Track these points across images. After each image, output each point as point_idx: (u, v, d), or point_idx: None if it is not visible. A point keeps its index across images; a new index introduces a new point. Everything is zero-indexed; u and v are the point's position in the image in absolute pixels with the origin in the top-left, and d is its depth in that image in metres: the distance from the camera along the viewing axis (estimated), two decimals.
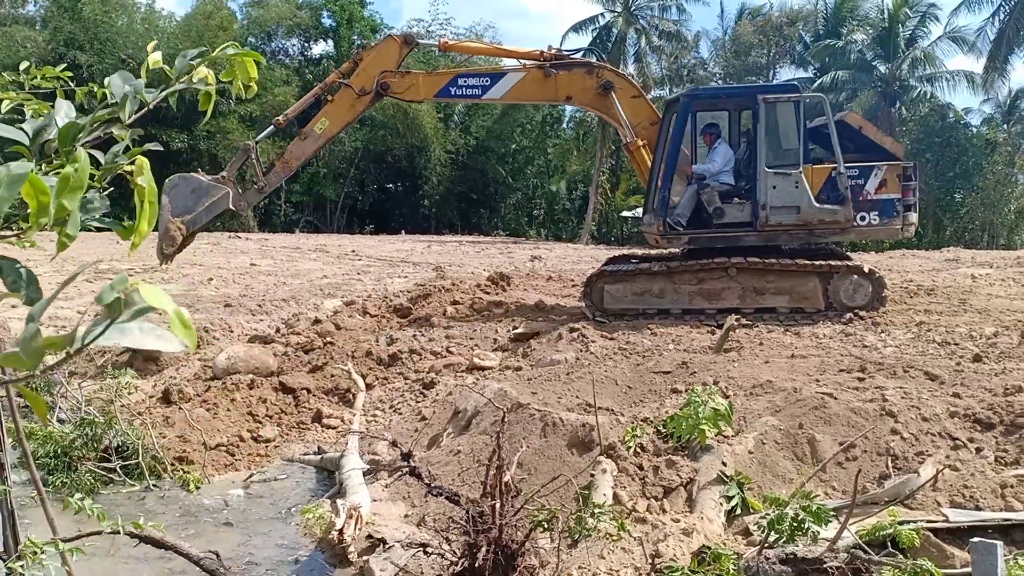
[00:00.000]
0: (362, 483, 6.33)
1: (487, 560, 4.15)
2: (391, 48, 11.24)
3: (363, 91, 10.97)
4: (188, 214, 10.20)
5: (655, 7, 40.48)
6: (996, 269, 15.40)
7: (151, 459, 7.56)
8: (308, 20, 43.54)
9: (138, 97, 1.62)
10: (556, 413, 6.28)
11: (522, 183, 46.12)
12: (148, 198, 1.48)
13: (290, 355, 10.12)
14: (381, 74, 10.95)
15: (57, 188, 1.27)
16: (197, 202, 10.28)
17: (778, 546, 4.25)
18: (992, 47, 33.46)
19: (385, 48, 11.30)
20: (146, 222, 1.47)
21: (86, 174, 1.31)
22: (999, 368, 7.25)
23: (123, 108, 1.58)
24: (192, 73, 1.69)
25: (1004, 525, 4.83)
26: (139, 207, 1.48)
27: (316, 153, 11.16)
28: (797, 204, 10.15)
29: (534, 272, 16.47)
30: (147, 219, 1.48)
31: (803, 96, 10.52)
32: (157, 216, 1.53)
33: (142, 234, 1.48)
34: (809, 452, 5.85)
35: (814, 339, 9.13)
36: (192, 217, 10.24)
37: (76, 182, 1.29)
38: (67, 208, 1.29)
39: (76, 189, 1.28)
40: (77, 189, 1.29)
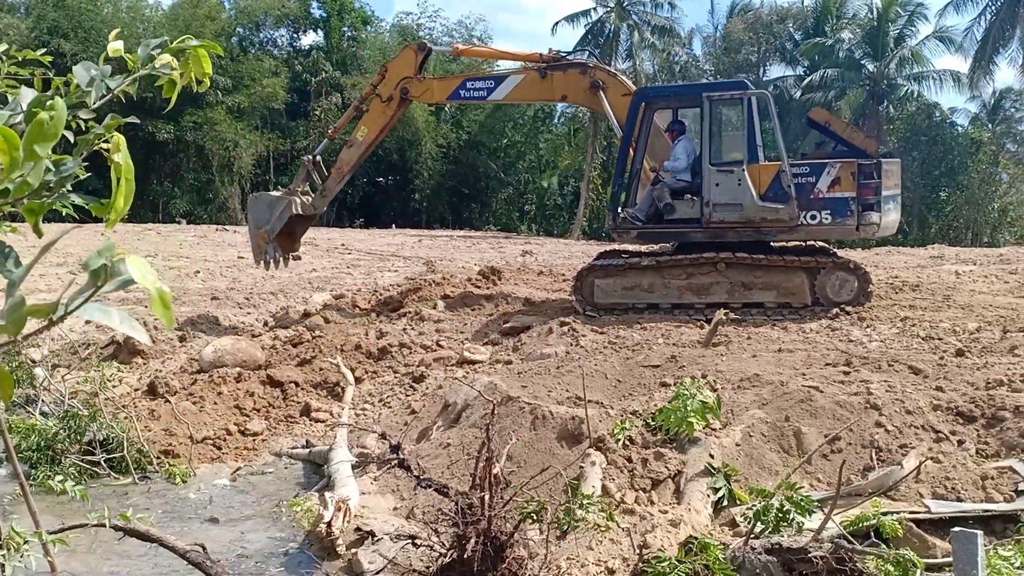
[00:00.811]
0: (350, 476, 6.34)
1: (476, 552, 4.17)
2: (408, 56, 12.35)
3: (389, 98, 12.06)
4: (265, 225, 11.96)
5: (648, 3, 40.52)
6: (979, 266, 15.54)
7: (136, 452, 7.52)
8: (297, 10, 43.23)
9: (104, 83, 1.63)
10: (546, 406, 6.32)
11: (513, 178, 46.06)
12: (124, 175, 1.47)
13: (278, 348, 10.10)
14: (402, 80, 12.06)
15: (29, 133, 1.26)
16: (271, 213, 11.96)
17: (764, 536, 4.30)
18: (978, 47, 33.70)
19: (404, 57, 12.45)
20: (122, 198, 1.46)
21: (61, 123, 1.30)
22: (981, 363, 7.34)
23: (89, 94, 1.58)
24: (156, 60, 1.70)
25: (984, 516, 4.91)
26: (115, 183, 1.47)
27: (363, 158, 12.62)
28: (740, 201, 10.10)
29: (525, 267, 16.49)
30: (123, 195, 1.46)
31: (749, 93, 10.41)
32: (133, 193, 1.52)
33: (118, 210, 1.47)
34: (795, 444, 5.91)
35: (801, 334, 9.20)
36: (269, 226, 11.93)
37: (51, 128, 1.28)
38: (37, 154, 1.28)
39: (50, 136, 1.28)
40: (51, 135, 1.28)
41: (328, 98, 41.03)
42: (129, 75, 1.69)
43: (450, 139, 42.29)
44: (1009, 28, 33.09)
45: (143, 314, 12.11)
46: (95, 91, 1.60)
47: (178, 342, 10.86)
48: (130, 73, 1.71)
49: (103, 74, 1.63)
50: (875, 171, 9.96)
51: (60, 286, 12.97)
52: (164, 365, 9.75)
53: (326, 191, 12.30)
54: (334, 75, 41.62)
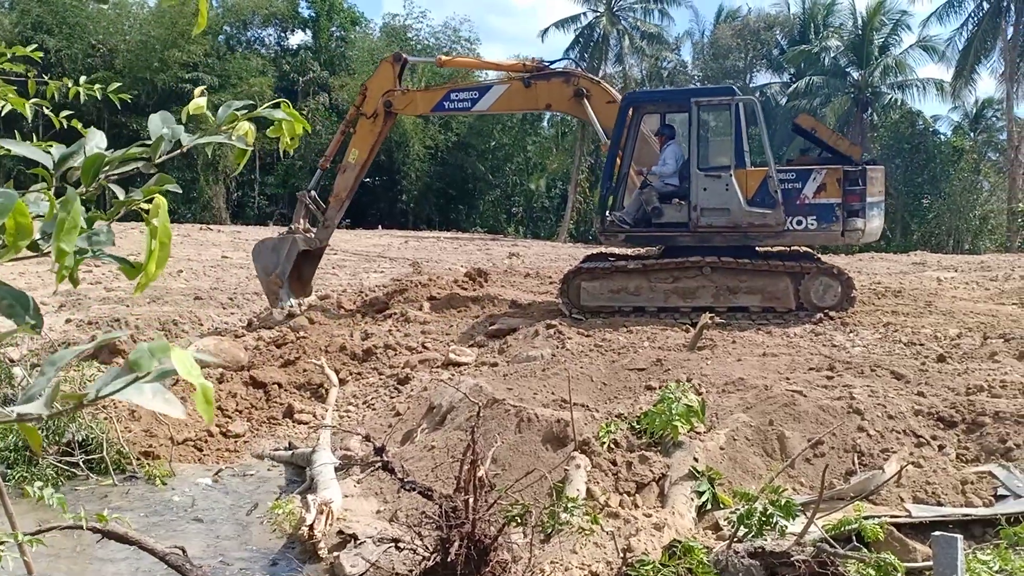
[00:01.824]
0: (333, 478, 6.31)
1: (459, 555, 4.16)
2: (386, 70, 12.27)
3: (374, 114, 12.00)
4: (274, 269, 11.96)
5: (638, 9, 40.69)
6: (961, 273, 15.70)
7: (116, 454, 7.43)
8: (285, 10, 43.07)
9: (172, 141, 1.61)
10: (531, 409, 6.31)
11: (501, 180, 46.08)
12: (161, 239, 1.42)
13: (261, 349, 10.03)
14: (384, 94, 11.99)
15: (55, 231, 1.28)
16: (277, 256, 11.97)
17: (747, 540, 4.32)
18: (960, 57, 34.09)
19: (381, 72, 12.37)
20: (154, 264, 1.41)
21: (79, 215, 1.30)
22: (962, 368, 7.41)
23: (155, 149, 1.56)
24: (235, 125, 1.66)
25: (964, 520, 4.95)
26: (148, 247, 1.42)
27: (359, 181, 12.43)
28: (727, 206, 10.14)
29: (512, 269, 16.49)
30: (156, 261, 1.41)
31: (736, 99, 10.43)
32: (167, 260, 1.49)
33: (149, 275, 1.42)
34: (778, 448, 5.94)
35: (785, 338, 9.25)
36: (279, 269, 11.92)
37: (70, 223, 1.29)
38: (64, 251, 1.28)
39: (71, 230, 1.28)
40: (72, 230, 1.28)
41: (316, 98, 40.90)
42: (203, 134, 1.65)
43: (438, 141, 42.25)
44: (991, 39, 33.50)
45: (124, 313, 12.01)
46: (163, 147, 1.58)
47: None
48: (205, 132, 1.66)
49: (175, 133, 1.60)
50: (860, 178, 10.05)
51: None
52: None
53: (328, 222, 12.21)
54: (322, 75, 41.51)
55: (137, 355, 1.12)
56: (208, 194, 37.58)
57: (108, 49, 37.81)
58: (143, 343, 1.14)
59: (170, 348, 1.12)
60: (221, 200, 38.09)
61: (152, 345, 1.13)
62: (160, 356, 1.11)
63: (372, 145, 12.17)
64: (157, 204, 1.43)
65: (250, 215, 39.81)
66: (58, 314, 12.06)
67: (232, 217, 38.56)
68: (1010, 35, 32.77)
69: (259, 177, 40.57)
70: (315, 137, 39.70)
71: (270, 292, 12.04)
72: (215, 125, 1.65)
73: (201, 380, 1.11)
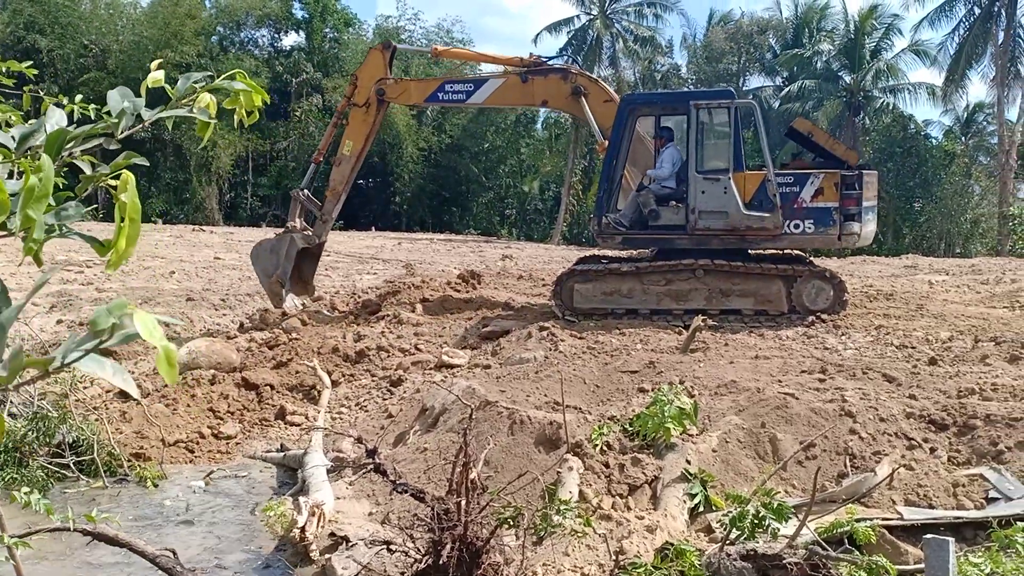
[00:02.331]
0: (325, 480, 6.29)
1: (451, 558, 4.15)
2: (376, 58, 12.16)
3: (367, 103, 11.88)
4: (275, 270, 11.87)
5: (631, 12, 40.76)
6: (952, 276, 15.78)
7: (107, 455, 7.39)
8: (279, 11, 43.02)
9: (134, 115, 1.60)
10: (524, 411, 6.30)
11: (495, 182, 46.10)
12: (130, 215, 1.42)
13: (254, 350, 10.00)
14: (376, 82, 11.89)
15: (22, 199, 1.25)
16: (277, 257, 11.90)
17: (739, 543, 4.32)
18: (951, 62, 34.28)
19: (371, 60, 12.23)
20: (124, 239, 1.41)
21: (50, 182, 1.28)
22: (953, 371, 7.44)
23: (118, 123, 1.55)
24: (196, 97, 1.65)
25: (956, 523, 4.97)
26: (118, 223, 1.41)
27: (355, 173, 12.30)
28: (725, 209, 10.16)
29: (505, 271, 16.49)
30: (126, 237, 1.41)
31: (735, 103, 10.48)
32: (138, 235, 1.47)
33: (119, 251, 1.41)
34: (771, 451, 5.95)
35: (777, 341, 9.27)
36: (280, 270, 11.84)
37: (41, 191, 1.26)
38: (31, 218, 1.26)
39: (41, 198, 1.26)
40: (42, 198, 1.26)
41: (309, 99, 40.86)
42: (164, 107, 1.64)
43: (432, 142, 42.25)
44: (982, 44, 33.69)
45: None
46: (124, 122, 1.57)
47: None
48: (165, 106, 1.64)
49: (136, 106, 1.59)
50: (857, 182, 10.09)
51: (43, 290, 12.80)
52: (136, 367, 9.62)
53: (325, 216, 12.12)
54: (315, 76, 41.47)
55: (96, 314, 1.11)
56: (201, 195, 37.48)
57: (101, 49, 37.67)
58: (103, 306, 1.13)
59: (128, 306, 1.11)
60: (214, 201, 37.99)
61: (111, 305, 1.11)
62: (118, 314, 1.09)
63: (366, 135, 12.09)
64: (125, 179, 1.42)
65: (243, 216, 39.71)
66: (49, 315, 11.99)
67: (225, 218, 38.46)
68: (1001, 40, 32.95)
69: (252, 178, 40.47)
70: (308, 139, 39.65)
71: (273, 294, 11.95)
72: (175, 98, 1.63)
73: (164, 342, 1.10)
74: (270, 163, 41.20)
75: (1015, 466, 5.53)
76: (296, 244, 11.84)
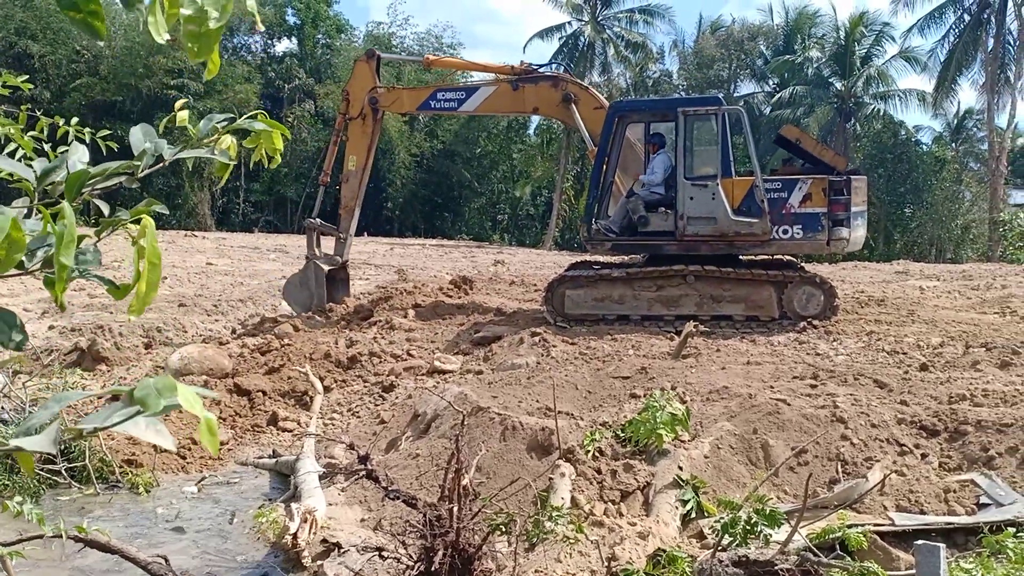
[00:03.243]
0: (317, 487, 6.27)
1: (443, 564, 4.14)
2: (362, 69, 12.34)
3: (362, 115, 12.04)
4: (311, 301, 12.02)
5: (622, 18, 40.88)
6: (943, 282, 15.85)
7: (99, 462, 7.36)
8: (272, 17, 43.01)
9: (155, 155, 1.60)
10: (516, 417, 6.30)
11: (487, 188, 46.11)
12: (150, 259, 1.42)
13: (246, 356, 9.97)
14: (368, 92, 11.99)
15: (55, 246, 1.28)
16: (309, 289, 12.07)
17: (731, 549, 4.32)
18: (942, 68, 34.51)
19: (359, 72, 12.32)
20: (145, 284, 1.40)
21: (74, 228, 1.30)
22: (944, 377, 7.47)
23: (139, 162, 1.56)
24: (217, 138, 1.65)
25: (947, 528, 4.98)
26: (136, 267, 1.40)
27: (364, 186, 12.41)
28: (714, 215, 10.20)
29: (497, 276, 16.48)
30: (147, 282, 1.40)
31: (723, 109, 10.53)
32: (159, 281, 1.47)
33: (140, 297, 1.40)
34: (763, 457, 5.96)
35: (769, 346, 9.30)
36: (316, 300, 12.00)
37: (68, 237, 1.29)
38: (65, 265, 1.28)
39: (69, 244, 1.29)
40: (70, 244, 1.29)
41: (301, 105, 40.82)
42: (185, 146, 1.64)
43: (424, 148, 42.25)
44: (972, 50, 33.92)
45: (108, 320, 11.89)
46: (145, 161, 1.57)
47: (144, 349, 10.68)
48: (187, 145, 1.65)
49: (157, 148, 1.59)
50: (846, 188, 10.13)
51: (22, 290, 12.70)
52: (129, 373, 9.58)
53: (343, 234, 12.28)
54: (307, 82, 41.45)
55: (144, 393, 1.13)
56: (193, 200, 37.36)
57: (93, 55, 37.54)
58: (148, 380, 1.15)
59: (176, 386, 1.13)
60: (206, 207, 37.88)
61: (158, 383, 1.14)
62: (167, 396, 1.13)
63: (368, 147, 12.19)
64: (144, 225, 1.42)
65: (235, 222, 39.61)
66: (41, 320, 11.93)
67: (217, 224, 38.35)
68: (991, 47, 33.20)
69: (244, 184, 40.35)
70: (301, 144, 39.57)
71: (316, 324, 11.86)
72: (197, 138, 1.64)
73: (205, 413, 1.13)
74: (262, 169, 41.07)
75: (1006, 472, 5.56)
76: (322, 270, 12.02)
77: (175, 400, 1.12)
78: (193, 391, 1.14)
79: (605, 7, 40.45)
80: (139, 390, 1.13)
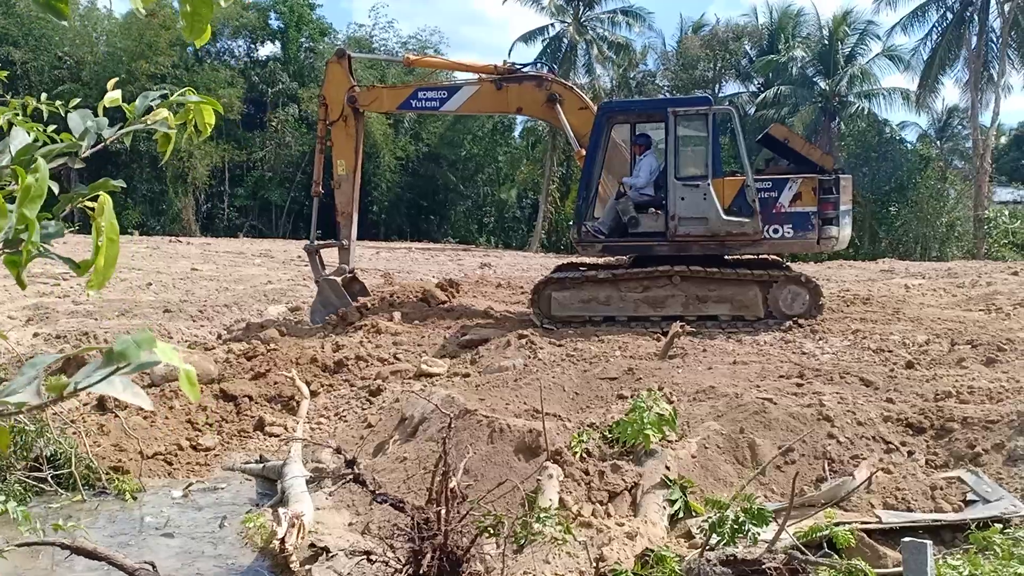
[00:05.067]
0: (305, 491, 6.23)
1: (432, 567, 4.13)
2: (335, 71, 12.03)
3: (343, 117, 11.82)
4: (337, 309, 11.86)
5: (605, 20, 40.96)
6: (928, 280, 15.97)
7: (85, 468, 7.30)
8: (255, 21, 42.83)
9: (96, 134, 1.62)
10: (503, 419, 6.29)
11: (472, 190, 46.08)
12: (108, 235, 1.42)
13: (232, 361, 9.90)
14: (347, 92, 11.78)
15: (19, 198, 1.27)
16: (332, 306, 11.93)
17: (719, 548, 4.33)
18: (925, 67, 34.79)
19: (332, 75, 12.07)
20: (103, 259, 1.41)
21: (45, 182, 1.31)
22: (930, 375, 7.52)
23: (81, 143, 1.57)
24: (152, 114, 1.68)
25: (934, 526, 5.01)
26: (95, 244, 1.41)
27: (357, 188, 12.32)
28: (705, 215, 10.22)
29: (483, 279, 16.46)
30: (105, 257, 1.41)
31: (713, 109, 10.57)
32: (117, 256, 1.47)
33: (99, 271, 1.41)
34: (750, 456, 5.97)
35: (755, 346, 9.33)
36: (339, 311, 11.79)
37: (37, 191, 1.29)
38: (28, 217, 1.28)
39: (36, 198, 1.29)
40: (37, 198, 1.29)
41: (285, 109, 40.66)
42: (123, 125, 1.66)
43: (409, 151, 42.18)
44: (955, 48, 34.22)
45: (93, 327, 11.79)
46: (87, 141, 1.58)
47: None
48: (124, 123, 1.67)
49: (99, 126, 1.61)
50: (834, 186, 10.20)
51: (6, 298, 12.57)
52: None
53: (345, 241, 12.21)
54: (291, 86, 41.29)
55: (123, 345, 1.14)
56: (177, 206, 37.14)
57: (75, 61, 37.29)
58: (126, 335, 1.16)
59: (155, 340, 1.16)
60: (190, 212, 37.66)
61: (137, 337, 1.15)
62: (146, 347, 1.14)
63: (354, 150, 12.02)
64: (102, 202, 1.43)
65: (220, 227, 39.39)
66: (25, 328, 11.81)
67: (202, 229, 38.14)
68: (974, 45, 33.49)
69: (229, 189, 40.17)
70: (285, 149, 39.44)
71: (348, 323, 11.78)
72: (134, 116, 1.66)
73: (184, 365, 1.16)
74: (247, 173, 40.89)
75: (992, 468, 5.59)
76: (336, 282, 12.00)
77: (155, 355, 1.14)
78: (171, 346, 1.16)
79: (588, 9, 40.54)
80: (118, 344, 1.13)
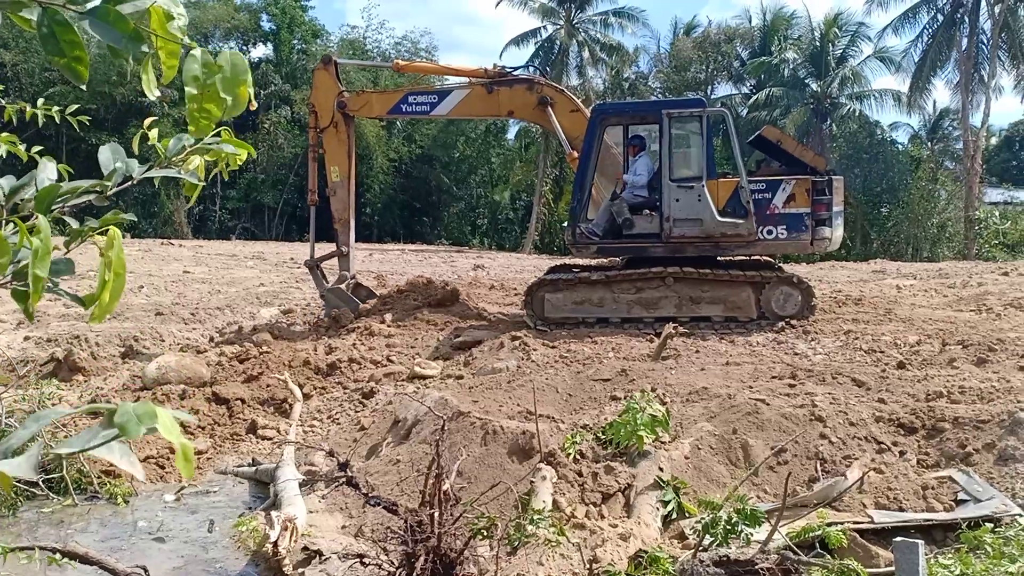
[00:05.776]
0: (298, 494, 6.22)
1: (425, 570, 4.12)
2: (323, 77, 12.04)
3: (333, 123, 11.87)
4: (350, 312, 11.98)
5: (597, 21, 41.02)
6: (919, 280, 16.03)
7: (76, 472, 7.26)
8: (247, 23, 42.74)
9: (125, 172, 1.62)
10: (497, 421, 6.29)
11: (466, 192, 46.08)
12: (116, 270, 1.42)
13: (224, 364, 9.87)
14: (336, 97, 11.79)
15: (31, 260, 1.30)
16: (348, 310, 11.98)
17: (712, 549, 4.33)
18: (916, 68, 34.96)
19: (320, 82, 12.07)
20: (108, 294, 1.41)
21: (50, 242, 1.32)
22: (921, 375, 7.55)
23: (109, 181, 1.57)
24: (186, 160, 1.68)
25: (926, 525, 5.03)
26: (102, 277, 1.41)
27: (352, 194, 12.36)
28: (700, 217, 10.28)
29: (477, 281, 16.46)
30: (110, 292, 1.41)
31: (706, 111, 10.62)
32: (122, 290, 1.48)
33: (103, 306, 1.41)
34: (742, 456, 5.99)
35: (748, 347, 9.35)
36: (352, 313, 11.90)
37: (43, 250, 1.31)
38: (40, 277, 1.29)
39: (44, 257, 1.30)
40: (45, 257, 1.30)
41: (277, 111, 40.58)
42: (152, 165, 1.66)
43: (402, 153, 42.14)
44: (946, 50, 34.39)
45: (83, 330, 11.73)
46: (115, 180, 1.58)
47: (120, 359, 10.55)
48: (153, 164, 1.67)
49: (129, 168, 1.60)
50: (828, 188, 10.28)
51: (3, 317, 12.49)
52: (106, 383, 9.45)
53: (344, 247, 12.27)
54: (283, 88, 41.22)
55: (124, 419, 1.13)
56: (169, 209, 37.01)
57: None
58: (128, 405, 1.15)
59: (156, 412, 1.15)
60: (182, 214, 37.53)
61: (139, 410, 1.15)
62: (148, 422, 1.13)
63: (347, 155, 12.03)
64: (111, 236, 1.43)
65: (212, 229, 39.27)
66: (16, 331, 11.75)
67: (194, 231, 38.00)
68: (965, 46, 33.66)
69: (221, 191, 40.04)
70: (277, 151, 39.34)
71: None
72: (166, 158, 1.66)
73: (182, 440, 1.15)
74: (239, 176, 40.76)
75: (983, 468, 5.62)
76: (342, 290, 12.12)
77: (154, 426, 1.13)
78: (172, 416, 1.16)
79: (580, 11, 40.59)
80: (119, 415, 1.13)
